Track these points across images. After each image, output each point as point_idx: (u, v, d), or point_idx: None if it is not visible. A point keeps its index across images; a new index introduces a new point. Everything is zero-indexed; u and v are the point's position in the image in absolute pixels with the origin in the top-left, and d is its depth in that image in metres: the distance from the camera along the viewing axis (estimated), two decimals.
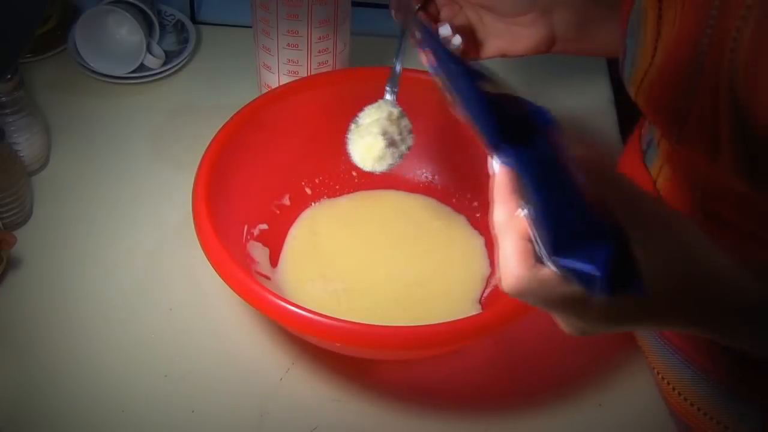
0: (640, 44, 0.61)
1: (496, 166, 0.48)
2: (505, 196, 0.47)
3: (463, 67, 0.51)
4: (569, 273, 0.43)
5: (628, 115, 0.95)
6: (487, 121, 0.47)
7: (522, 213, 0.46)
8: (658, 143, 0.66)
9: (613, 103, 0.97)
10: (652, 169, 0.69)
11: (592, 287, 0.42)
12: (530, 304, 0.47)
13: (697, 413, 0.68)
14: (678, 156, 0.64)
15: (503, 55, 0.71)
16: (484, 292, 0.74)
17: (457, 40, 0.69)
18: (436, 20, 0.70)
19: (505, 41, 0.71)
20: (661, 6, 0.58)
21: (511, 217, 0.46)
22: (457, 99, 0.50)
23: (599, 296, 0.42)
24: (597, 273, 0.42)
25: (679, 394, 0.69)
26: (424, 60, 0.57)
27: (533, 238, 0.45)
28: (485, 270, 0.76)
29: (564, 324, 0.49)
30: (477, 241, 0.78)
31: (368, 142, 0.70)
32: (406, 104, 0.73)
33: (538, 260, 0.45)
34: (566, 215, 0.44)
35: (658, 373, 0.71)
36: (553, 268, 0.44)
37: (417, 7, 0.69)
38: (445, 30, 0.69)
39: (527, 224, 0.45)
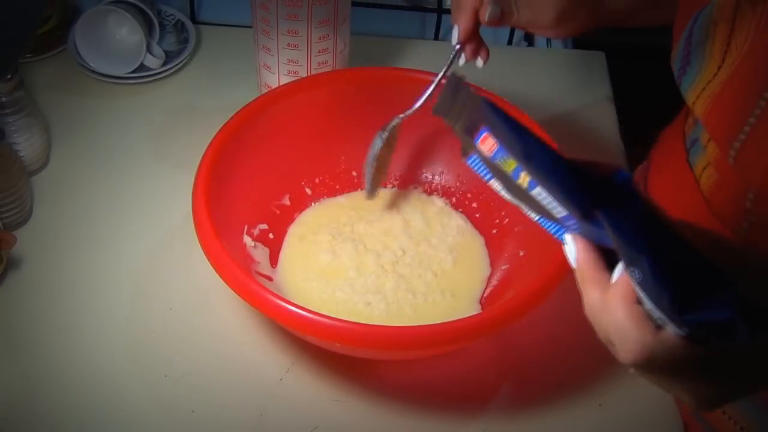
0: (705, 54, 0.60)
1: (572, 249, 0.47)
2: (595, 275, 0.46)
3: (534, 137, 0.48)
4: (700, 328, 0.41)
5: (628, 115, 0.95)
6: (577, 190, 0.46)
7: (619, 278, 0.43)
8: (706, 145, 0.65)
9: (613, 103, 0.97)
10: (695, 168, 0.67)
11: (730, 334, 0.40)
12: (651, 378, 0.44)
13: (718, 411, 0.68)
14: (729, 166, 0.61)
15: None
16: (484, 292, 0.74)
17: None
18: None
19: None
20: (735, 20, 0.57)
21: (609, 291, 0.44)
22: (535, 174, 0.47)
23: (739, 340, 0.40)
24: (734, 316, 0.40)
25: None
26: (486, 148, 0.50)
27: (646, 304, 0.42)
28: (485, 270, 0.76)
29: (690, 397, 0.46)
30: (477, 241, 0.78)
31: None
32: (406, 104, 0.73)
33: (657, 326, 0.43)
34: (680, 268, 0.42)
35: None
36: (675, 330, 0.41)
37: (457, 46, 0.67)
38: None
39: (633, 289, 0.43)
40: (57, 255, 0.77)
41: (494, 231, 0.78)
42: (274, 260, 0.76)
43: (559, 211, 0.48)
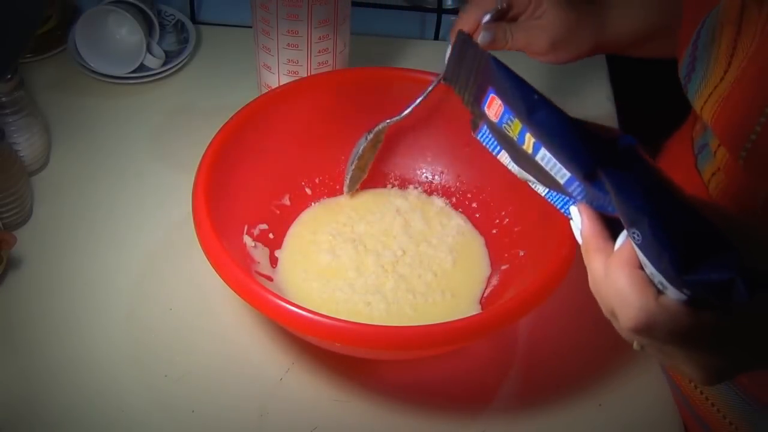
0: (711, 58, 0.60)
1: (577, 222, 0.47)
2: (599, 244, 0.46)
3: (539, 94, 0.48)
4: (700, 288, 0.41)
5: (628, 115, 0.95)
6: (580, 149, 0.46)
7: (621, 244, 0.44)
8: (715, 151, 0.64)
9: (613, 103, 0.97)
10: (704, 174, 0.67)
11: (730, 295, 0.40)
12: (654, 347, 0.44)
13: (717, 414, 0.68)
14: (739, 170, 0.61)
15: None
16: (484, 292, 0.74)
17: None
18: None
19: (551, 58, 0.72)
20: (741, 22, 0.57)
21: (611, 257, 0.44)
22: (538, 133, 0.47)
23: (738, 300, 0.40)
24: (735, 276, 0.40)
25: (705, 396, 0.69)
26: (492, 113, 0.51)
27: (648, 268, 0.42)
28: (485, 270, 0.76)
29: (695, 368, 0.46)
30: (477, 241, 0.78)
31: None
32: (405, 104, 0.73)
33: (659, 291, 0.43)
34: (682, 231, 0.41)
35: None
36: (676, 294, 0.41)
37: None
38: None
39: (635, 254, 0.43)
40: (57, 255, 0.77)
41: (494, 231, 0.78)
42: (274, 260, 0.76)
43: (563, 174, 0.47)
